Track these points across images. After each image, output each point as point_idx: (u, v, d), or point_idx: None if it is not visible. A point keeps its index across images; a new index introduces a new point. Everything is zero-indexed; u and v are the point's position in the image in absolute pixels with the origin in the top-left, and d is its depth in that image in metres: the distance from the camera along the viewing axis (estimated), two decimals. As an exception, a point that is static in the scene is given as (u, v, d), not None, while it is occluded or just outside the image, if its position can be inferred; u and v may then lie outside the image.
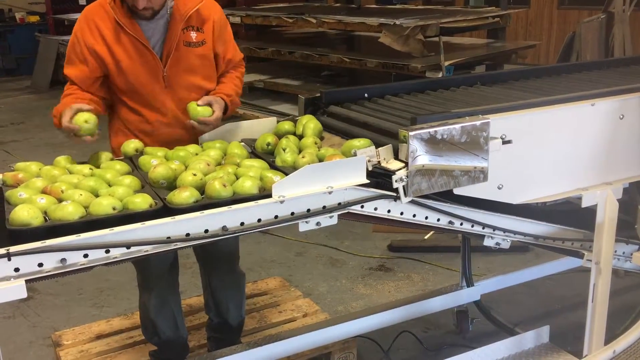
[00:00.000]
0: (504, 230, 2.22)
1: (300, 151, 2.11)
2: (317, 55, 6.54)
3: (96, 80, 2.36)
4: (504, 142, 2.02)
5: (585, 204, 2.23)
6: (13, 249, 1.52)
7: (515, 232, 2.24)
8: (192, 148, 2.21)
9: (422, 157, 1.88)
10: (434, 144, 1.89)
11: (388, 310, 2.86)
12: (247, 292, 3.25)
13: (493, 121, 1.97)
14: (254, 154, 2.22)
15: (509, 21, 6.55)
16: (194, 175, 1.88)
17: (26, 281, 1.54)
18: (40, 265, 1.56)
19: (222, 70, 2.51)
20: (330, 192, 1.83)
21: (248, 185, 1.83)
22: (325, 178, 1.83)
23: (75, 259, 1.59)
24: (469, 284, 3.04)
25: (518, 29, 9.70)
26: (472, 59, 5.95)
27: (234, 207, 1.74)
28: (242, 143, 2.29)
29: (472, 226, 2.15)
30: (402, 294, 3.60)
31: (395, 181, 1.87)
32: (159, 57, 2.33)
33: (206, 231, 1.72)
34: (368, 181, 1.88)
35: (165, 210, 1.74)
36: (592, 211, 2.26)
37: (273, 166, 2.05)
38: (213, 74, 2.48)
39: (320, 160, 1.99)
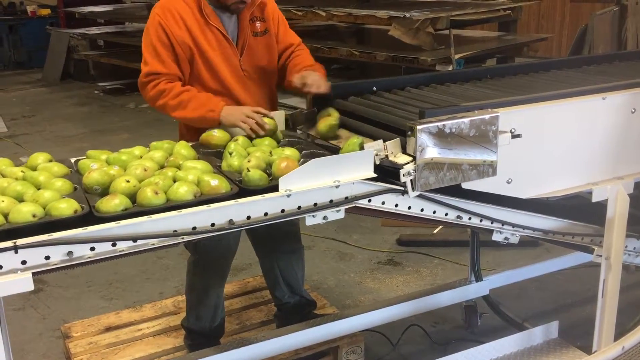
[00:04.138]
0: (513, 225, 2.20)
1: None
2: (326, 49, 6.52)
3: (183, 70, 2.38)
4: (514, 136, 2.01)
5: (595, 198, 2.21)
6: (20, 241, 1.53)
7: (524, 227, 2.23)
8: (137, 150, 2.15)
9: (430, 151, 1.86)
10: (443, 137, 1.87)
11: (396, 304, 2.85)
12: (255, 286, 3.27)
13: (502, 115, 1.95)
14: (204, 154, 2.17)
15: (520, 14, 6.50)
16: (127, 182, 1.81)
17: (33, 274, 1.55)
18: (47, 258, 1.56)
19: (287, 56, 2.57)
20: (337, 186, 1.83)
21: (182, 191, 1.77)
22: (332, 172, 1.83)
23: (82, 251, 1.60)
24: (478, 278, 3.02)
25: (530, 22, 9.61)
26: (483, 52, 5.91)
27: (240, 200, 1.74)
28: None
29: (481, 221, 2.13)
30: (411, 288, 3.59)
31: (403, 175, 1.86)
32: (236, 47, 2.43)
33: (212, 225, 1.72)
34: (375, 175, 1.87)
35: (92, 217, 1.68)
36: (602, 206, 2.24)
37: (220, 170, 2.00)
38: (276, 59, 2.57)
39: (269, 164, 1.97)
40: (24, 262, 1.54)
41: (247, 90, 2.47)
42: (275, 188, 1.81)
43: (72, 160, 2.16)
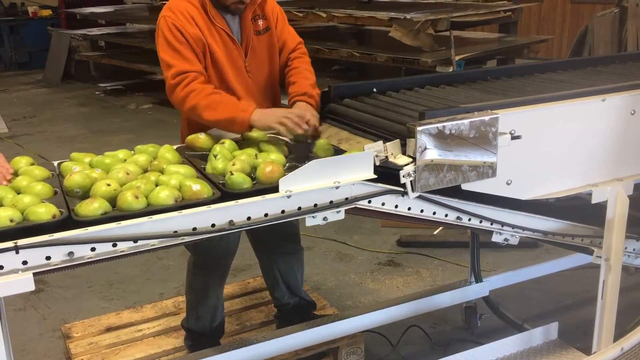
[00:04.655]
0: (513, 226, 2.20)
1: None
2: (327, 50, 6.53)
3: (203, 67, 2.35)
4: (513, 138, 2.01)
5: (595, 199, 2.21)
6: (21, 242, 1.54)
7: (523, 228, 2.23)
8: (122, 153, 2.14)
9: (430, 152, 1.87)
10: (442, 139, 1.88)
11: (396, 305, 2.85)
12: (255, 286, 3.28)
13: (502, 116, 1.96)
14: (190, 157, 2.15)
15: (520, 15, 6.51)
16: (108, 185, 1.79)
17: (34, 274, 1.55)
18: (48, 258, 1.57)
19: (285, 58, 2.52)
20: (337, 187, 1.83)
21: (163, 195, 1.75)
22: (332, 173, 1.83)
23: (83, 252, 1.60)
24: (478, 279, 3.03)
25: (531, 24, 9.63)
26: (484, 54, 5.92)
27: (240, 201, 1.74)
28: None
29: (481, 222, 2.14)
30: (411, 289, 3.59)
31: (403, 176, 1.87)
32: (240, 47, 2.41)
33: (213, 225, 1.73)
34: (375, 176, 1.88)
35: (71, 221, 1.65)
36: (602, 207, 2.24)
37: (204, 172, 1.99)
38: (277, 58, 2.53)
39: (254, 167, 1.95)
40: (24, 263, 1.55)
41: (250, 92, 2.46)
42: (258, 192, 1.80)
43: (55, 163, 2.13)
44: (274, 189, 1.80)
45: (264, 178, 1.87)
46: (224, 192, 1.81)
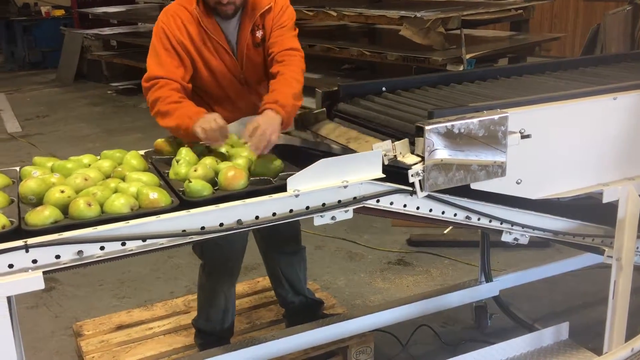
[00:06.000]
0: (522, 226, 2.19)
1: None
2: (337, 49, 6.52)
3: (185, 73, 2.32)
4: (523, 137, 2.00)
5: (606, 199, 2.19)
6: (30, 240, 1.55)
7: (533, 228, 2.22)
8: (86, 158, 2.09)
9: (439, 152, 1.86)
10: (451, 138, 1.87)
11: (406, 304, 2.85)
12: (265, 285, 3.28)
13: (512, 115, 1.95)
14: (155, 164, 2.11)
15: (532, 13, 6.46)
16: (62, 192, 1.73)
17: (44, 272, 1.57)
18: (58, 257, 1.58)
19: (272, 66, 2.36)
20: (345, 187, 1.83)
21: (119, 203, 1.71)
22: (340, 172, 1.83)
23: (92, 251, 1.61)
24: (488, 279, 3.02)
25: (543, 21, 9.55)
26: (495, 52, 5.87)
27: (248, 200, 1.75)
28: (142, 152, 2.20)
29: (490, 221, 2.13)
30: (421, 288, 3.58)
31: (412, 175, 1.86)
32: (236, 59, 2.38)
33: (221, 224, 1.73)
34: (384, 175, 1.87)
35: (22, 231, 1.61)
36: (613, 206, 2.23)
37: (166, 178, 1.96)
38: None
39: (216, 173, 1.92)
40: (34, 261, 1.56)
41: (247, 98, 2.45)
42: (218, 199, 1.77)
43: (17, 168, 2.07)
44: (239, 194, 1.79)
45: (226, 184, 1.84)
46: (183, 200, 1.79)
